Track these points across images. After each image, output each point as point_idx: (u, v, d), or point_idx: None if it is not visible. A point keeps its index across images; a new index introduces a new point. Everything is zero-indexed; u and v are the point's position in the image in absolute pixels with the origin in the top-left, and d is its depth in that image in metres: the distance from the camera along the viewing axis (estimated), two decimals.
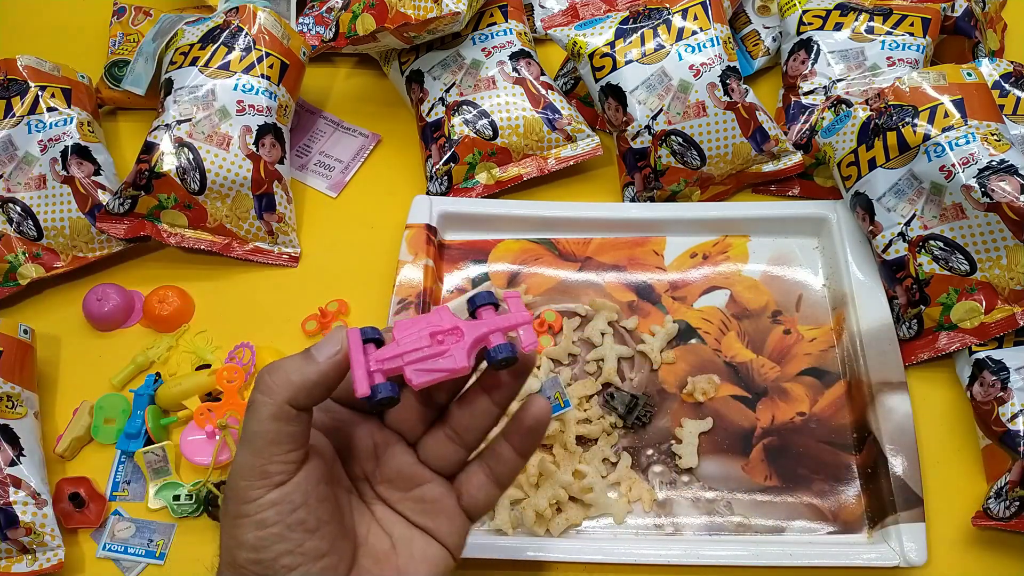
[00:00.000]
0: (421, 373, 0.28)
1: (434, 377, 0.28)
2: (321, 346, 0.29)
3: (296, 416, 0.28)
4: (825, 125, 0.59)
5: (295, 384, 0.28)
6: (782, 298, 0.58)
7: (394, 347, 0.29)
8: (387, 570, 0.30)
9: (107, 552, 0.51)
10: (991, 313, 0.52)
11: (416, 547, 0.31)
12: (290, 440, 0.28)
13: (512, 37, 0.65)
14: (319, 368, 0.28)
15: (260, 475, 0.27)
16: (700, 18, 0.60)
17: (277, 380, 0.28)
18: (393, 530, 0.31)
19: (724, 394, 0.54)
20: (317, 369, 0.28)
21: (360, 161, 0.67)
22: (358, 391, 0.28)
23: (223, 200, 0.60)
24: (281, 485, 0.28)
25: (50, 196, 0.60)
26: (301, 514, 0.28)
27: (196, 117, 0.59)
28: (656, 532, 0.50)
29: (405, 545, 0.31)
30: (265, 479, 0.27)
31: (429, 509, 0.32)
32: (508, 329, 0.29)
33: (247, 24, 0.62)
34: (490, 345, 0.29)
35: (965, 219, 0.52)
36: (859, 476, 0.51)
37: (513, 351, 0.29)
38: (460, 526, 0.32)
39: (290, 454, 0.28)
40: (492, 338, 0.29)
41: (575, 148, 0.63)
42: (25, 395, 0.54)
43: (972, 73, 0.55)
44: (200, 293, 0.61)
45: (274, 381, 0.28)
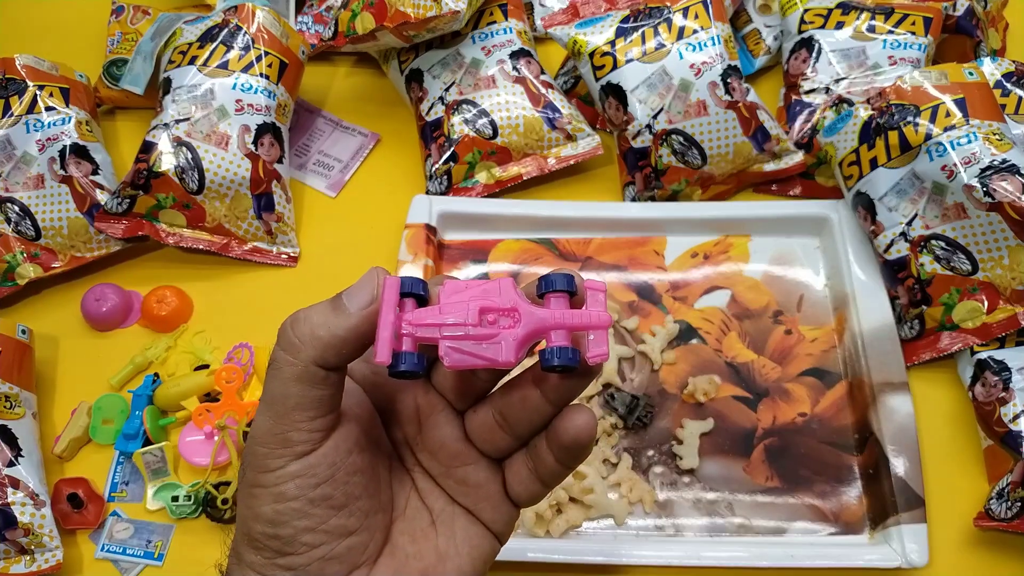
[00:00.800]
0: (457, 354, 0.24)
1: (471, 363, 0.24)
2: (354, 293, 0.24)
3: (324, 378, 0.24)
4: (826, 124, 0.59)
5: (323, 341, 0.23)
6: (783, 298, 0.58)
7: (434, 312, 0.24)
8: (425, 550, 0.27)
9: (105, 553, 0.51)
10: (993, 313, 0.52)
11: (458, 527, 0.27)
12: (317, 405, 0.24)
13: (512, 36, 0.64)
14: (351, 322, 0.24)
15: (281, 443, 0.24)
16: (701, 17, 0.60)
17: (302, 335, 0.24)
18: (435, 504, 0.28)
19: (725, 395, 0.54)
20: (349, 323, 0.24)
21: (359, 160, 0.67)
22: (378, 355, 0.23)
23: (222, 200, 0.60)
24: (305, 456, 0.24)
25: (48, 196, 0.60)
26: (327, 489, 0.24)
27: (195, 116, 0.59)
28: (657, 533, 0.50)
29: (446, 523, 0.27)
30: (287, 448, 0.24)
31: (471, 493, 0.27)
32: (576, 329, 0.24)
33: (246, 23, 0.62)
34: (549, 343, 0.24)
35: (967, 219, 0.52)
36: (860, 477, 0.51)
37: (573, 359, 0.24)
38: (506, 513, 0.28)
39: (316, 420, 0.24)
40: (553, 335, 0.24)
41: (575, 147, 0.63)
42: (23, 395, 0.53)
43: (974, 72, 0.55)
44: (199, 293, 0.60)
45: (298, 336, 0.24)
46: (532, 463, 0.27)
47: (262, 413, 0.24)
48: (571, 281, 0.24)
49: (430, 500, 0.28)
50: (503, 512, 0.28)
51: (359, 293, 0.24)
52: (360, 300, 0.24)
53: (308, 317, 0.24)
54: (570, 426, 0.25)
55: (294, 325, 0.24)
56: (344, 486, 0.25)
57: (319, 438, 0.24)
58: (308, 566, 0.24)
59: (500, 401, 0.27)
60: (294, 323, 0.24)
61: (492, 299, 0.24)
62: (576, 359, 0.24)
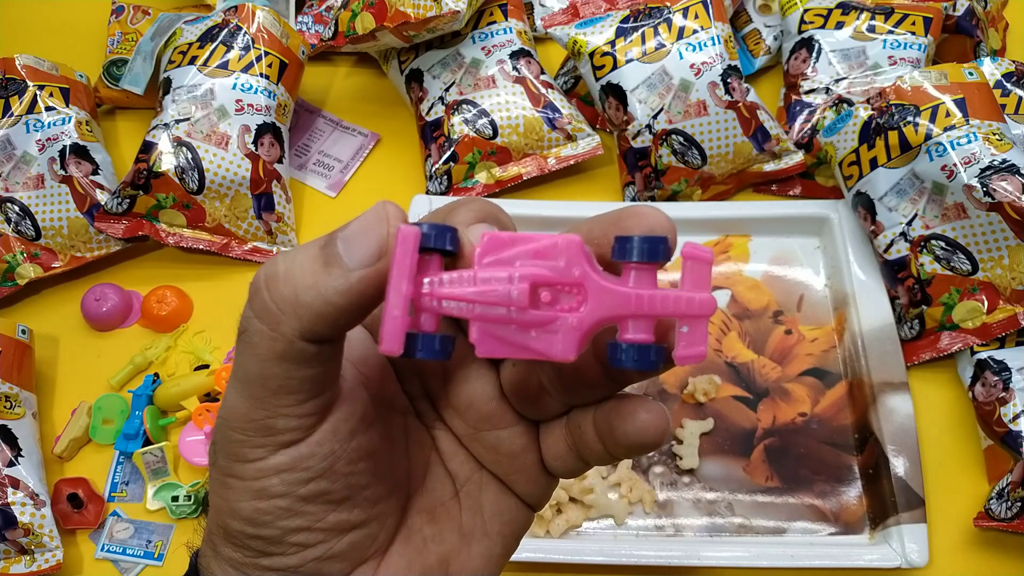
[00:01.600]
0: (495, 341, 0.18)
1: (514, 353, 0.18)
2: (354, 239, 0.18)
3: (315, 354, 0.18)
4: (826, 124, 0.59)
5: (312, 309, 0.18)
6: (783, 298, 0.58)
7: (467, 280, 0.18)
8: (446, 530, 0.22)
9: (105, 553, 0.51)
10: (993, 313, 0.52)
11: (487, 499, 0.22)
12: (307, 387, 0.19)
13: (512, 36, 0.64)
14: (348, 284, 0.17)
15: (261, 430, 0.19)
16: (701, 17, 0.60)
17: (280, 300, 0.18)
18: (459, 470, 0.23)
19: (725, 395, 0.54)
20: (345, 286, 0.17)
21: (359, 160, 0.67)
22: (384, 343, 0.17)
23: (222, 199, 0.60)
24: (293, 445, 0.19)
25: (48, 196, 0.60)
26: (323, 484, 0.19)
27: (195, 116, 0.59)
28: (657, 533, 0.50)
29: (472, 495, 0.22)
30: (269, 436, 0.19)
31: (504, 462, 0.22)
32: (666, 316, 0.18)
33: (246, 23, 0.62)
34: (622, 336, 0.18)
35: (967, 219, 0.52)
36: (860, 477, 0.51)
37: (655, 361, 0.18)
38: (543, 485, 0.23)
39: (306, 404, 0.19)
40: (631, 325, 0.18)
41: (575, 147, 0.63)
42: (23, 395, 0.53)
43: (974, 72, 0.55)
44: (198, 293, 0.60)
45: (276, 301, 0.18)
46: (573, 440, 0.21)
47: (235, 392, 0.19)
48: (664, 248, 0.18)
49: (454, 465, 0.23)
50: (540, 484, 0.23)
51: (362, 241, 0.18)
52: (364, 253, 0.18)
53: (290, 274, 0.18)
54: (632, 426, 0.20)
55: (271, 285, 0.18)
56: (346, 478, 0.20)
57: (311, 423, 0.19)
58: (301, 567, 0.20)
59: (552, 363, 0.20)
60: (271, 282, 0.18)
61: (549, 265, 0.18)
62: (659, 363, 0.18)
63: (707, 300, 0.17)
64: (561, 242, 0.18)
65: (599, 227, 0.19)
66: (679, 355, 0.18)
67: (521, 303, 0.18)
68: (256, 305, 0.18)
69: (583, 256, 0.18)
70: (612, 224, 0.19)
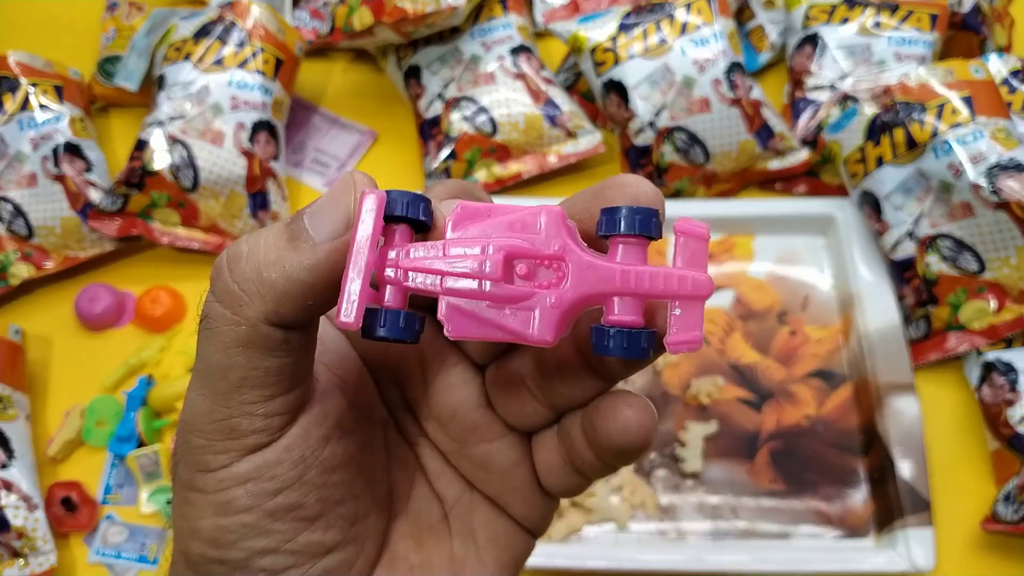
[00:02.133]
0: (464, 320, 0.16)
1: (485, 334, 0.16)
2: (321, 212, 0.17)
3: (283, 340, 0.17)
4: (831, 121, 0.58)
5: (277, 288, 0.16)
6: (788, 298, 0.57)
7: (436, 251, 0.16)
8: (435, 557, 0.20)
9: (100, 557, 0.50)
10: (1000, 313, 0.51)
11: (479, 523, 0.21)
12: (275, 379, 0.17)
13: (512, 31, 0.64)
14: (316, 259, 0.16)
15: (224, 432, 0.17)
16: (704, 12, 0.59)
17: (244, 280, 0.16)
18: (447, 491, 0.21)
19: (729, 397, 0.53)
20: (312, 261, 0.16)
21: (357, 158, 0.66)
22: (341, 315, 0.16)
23: (216, 198, 0.59)
24: (260, 450, 0.17)
25: (41, 194, 0.59)
26: (293, 496, 0.17)
27: (189, 113, 0.58)
28: (660, 538, 0.49)
29: (462, 518, 0.21)
30: (232, 439, 0.17)
31: (495, 480, 0.21)
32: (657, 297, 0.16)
33: (241, 19, 0.61)
34: (607, 319, 0.17)
35: (974, 218, 0.51)
36: (866, 480, 0.50)
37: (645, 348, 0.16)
38: (541, 506, 0.21)
39: (274, 401, 0.17)
40: (617, 304, 0.16)
41: (576, 145, 0.62)
42: (16, 397, 0.53)
43: (980, 69, 0.54)
44: (193, 293, 0.60)
45: (239, 282, 0.16)
46: (566, 450, 0.20)
47: (196, 389, 0.17)
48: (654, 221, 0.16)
49: (441, 485, 0.21)
50: (537, 504, 0.21)
51: (328, 212, 0.16)
52: (331, 224, 0.16)
53: (253, 251, 0.17)
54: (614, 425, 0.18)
55: (232, 264, 0.17)
56: (319, 490, 0.18)
57: (280, 424, 0.17)
58: None
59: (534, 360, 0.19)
60: (232, 261, 0.17)
61: (526, 237, 0.16)
62: (649, 350, 0.16)
63: (703, 279, 0.16)
64: (543, 212, 0.17)
65: (580, 201, 0.18)
66: (672, 340, 0.16)
67: (494, 275, 0.16)
68: (218, 288, 0.17)
69: (564, 229, 0.16)
70: (593, 197, 0.17)
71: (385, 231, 0.17)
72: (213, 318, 0.17)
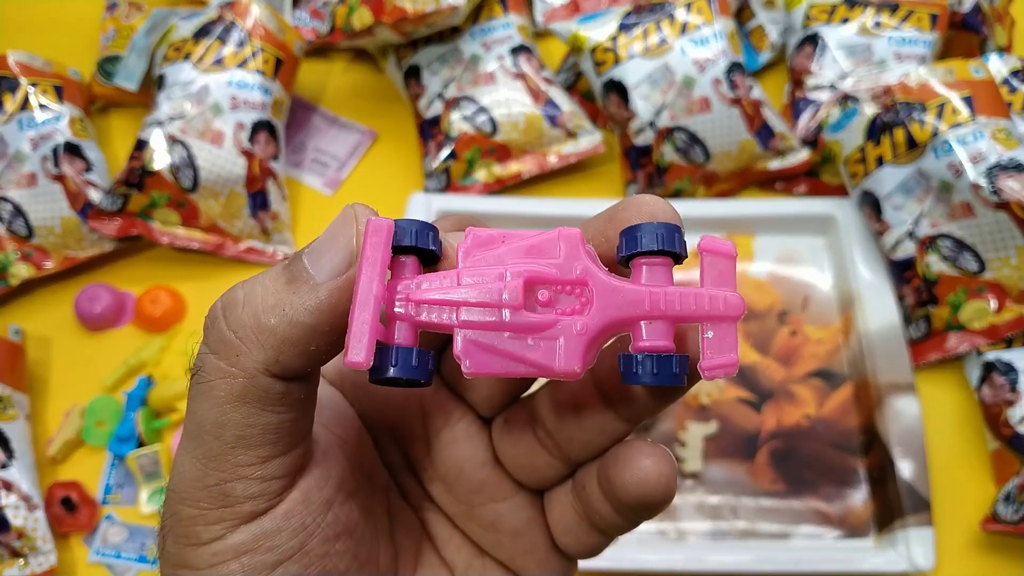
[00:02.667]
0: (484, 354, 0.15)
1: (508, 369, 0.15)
2: (322, 250, 0.15)
3: (283, 393, 0.15)
4: (832, 121, 0.58)
5: (277, 334, 0.15)
6: (788, 298, 0.57)
7: (449, 281, 0.15)
8: None
9: (99, 557, 0.50)
10: (1001, 313, 0.51)
11: None
12: (271, 438, 0.15)
13: (512, 31, 0.64)
14: (318, 300, 0.15)
15: (217, 499, 0.15)
16: (704, 12, 0.59)
17: (241, 327, 0.15)
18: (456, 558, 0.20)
19: (729, 397, 0.53)
20: (315, 302, 0.15)
21: (357, 158, 0.66)
22: (350, 353, 0.15)
23: (216, 198, 0.59)
24: (257, 518, 0.16)
25: (41, 194, 0.59)
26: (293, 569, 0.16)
27: (189, 113, 0.58)
28: (660, 538, 0.49)
29: None
30: (226, 506, 0.16)
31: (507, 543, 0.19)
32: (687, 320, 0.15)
33: (241, 18, 0.61)
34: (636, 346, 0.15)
35: (974, 218, 0.51)
36: (866, 480, 0.50)
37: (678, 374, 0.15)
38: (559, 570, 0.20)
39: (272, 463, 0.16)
40: (646, 328, 0.15)
41: (576, 145, 0.62)
42: (16, 397, 0.53)
43: (980, 69, 0.54)
44: (193, 293, 0.60)
45: (235, 329, 0.15)
46: (582, 506, 0.18)
47: (186, 453, 0.16)
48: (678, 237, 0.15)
49: (449, 552, 0.19)
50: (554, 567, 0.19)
51: (329, 249, 0.15)
52: (332, 262, 0.15)
53: (250, 296, 0.15)
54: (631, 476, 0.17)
55: (228, 311, 0.15)
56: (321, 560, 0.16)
57: (278, 488, 0.16)
58: None
59: (546, 408, 0.18)
60: (228, 308, 0.15)
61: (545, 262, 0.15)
62: (683, 375, 0.15)
63: (736, 299, 0.15)
64: (557, 236, 0.15)
65: (594, 225, 0.16)
66: (707, 366, 0.15)
67: (515, 303, 0.14)
68: (212, 338, 0.15)
69: (584, 252, 0.15)
70: (608, 220, 0.16)
71: (392, 263, 0.15)
72: (206, 371, 0.16)
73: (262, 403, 0.15)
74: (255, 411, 0.15)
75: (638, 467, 0.17)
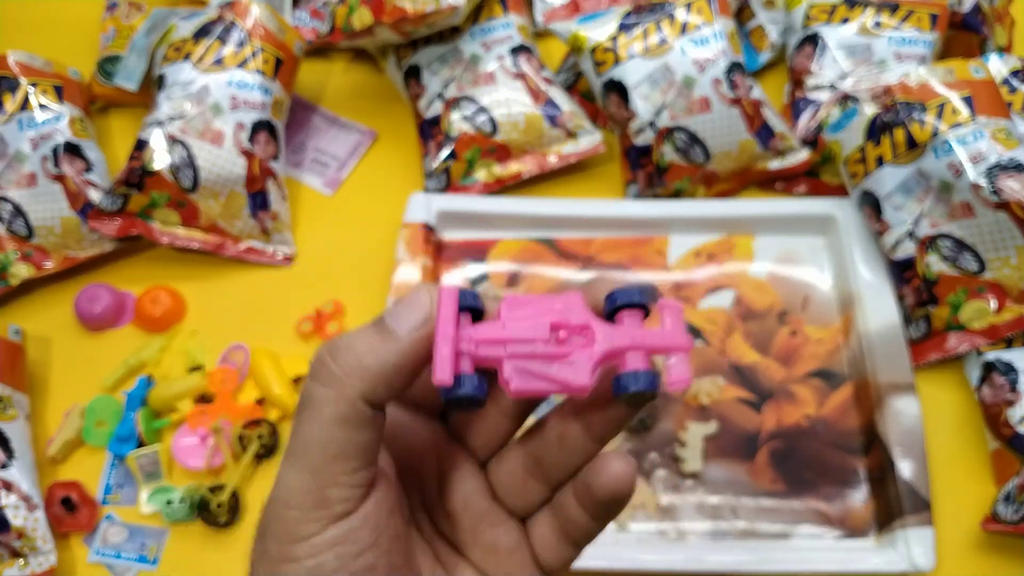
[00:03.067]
0: (525, 376, 0.21)
1: (541, 387, 0.21)
2: (400, 313, 0.21)
3: (371, 418, 0.21)
4: (832, 121, 0.58)
5: (371, 371, 0.20)
6: (788, 298, 0.57)
7: (497, 328, 0.21)
8: None
9: (99, 557, 0.50)
10: (1001, 313, 0.51)
11: None
12: (361, 453, 0.21)
13: (512, 31, 0.64)
14: (401, 347, 0.20)
15: (317, 503, 0.20)
16: (704, 12, 0.59)
17: (346, 365, 0.20)
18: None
19: (729, 397, 0.53)
20: (399, 348, 0.20)
21: (356, 158, 0.66)
22: (437, 375, 0.20)
23: (216, 198, 0.59)
24: (346, 517, 0.21)
25: (41, 194, 0.59)
26: (369, 558, 0.21)
27: (189, 113, 0.58)
28: (659, 538, 0.49)
29: None
30: (323, 509, 0.20)
31: (504, 562, 0.24)
32: (657, 351, 0.22)
33: (241, 18, 0.61)
34: (624, 367, 0.22)
35: (974, 218, 0.51)
36: (866, 480, 0.50)
37: (654, 384, 0.21)
38: None
39: (359, 474, 0.21)
40: (629, 358, 0.21)
41: (576, 145, 0.62)
42: (15, 397, 0.53)
43: (980, 69, 0.54)
44: (193, 293, 0.60)
45: (341, 367, 0.20)
46: (558, 521, 0.24)
47: (292, 468, 0.21)
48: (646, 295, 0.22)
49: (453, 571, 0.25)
50: None
51: (407, 313, 0.21)
52: (410, 321, 0.21)
53: (351, 344, 0.21)
54: (605, 477, 0.22)
55: (335, 354, 0.21)
56: (387, 555, 0.21)
57: (360, 495, 0.21)
58: None
59: (532, 443, 0.24)
60: (334, 352, 0.21)
61: (562, 314, 0.22)
62: (657, 384, 0.21)
63: (686, 336, 0.22)
64: (567, 297, 0.22)
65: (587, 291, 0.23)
66: (670, 381, 0.22)
67: (545, 338, 0.21)
68: (322, 374, 0.21)
69: (585, 307, 0.22)
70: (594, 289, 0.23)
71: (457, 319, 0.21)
72: (316, 399, 0.21)
73: (357, 425, 0.21)
74: (352, 431, 0.20)
75: (611, 468, 0.22)
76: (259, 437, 0.52)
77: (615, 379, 0.21)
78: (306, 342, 0.57)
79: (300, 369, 0.55)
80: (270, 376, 0.54)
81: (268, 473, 0.52)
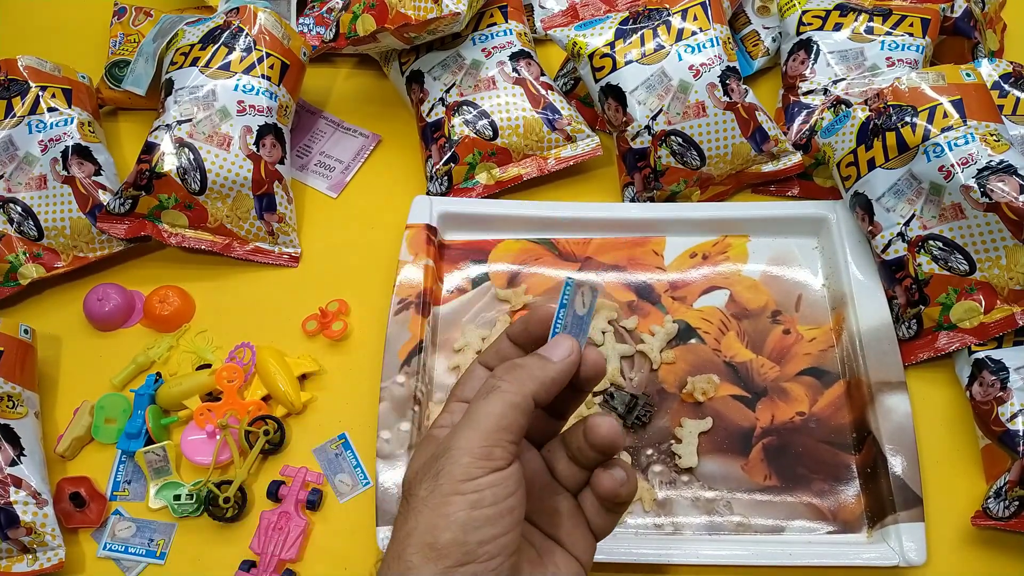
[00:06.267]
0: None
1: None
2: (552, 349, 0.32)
3: (532, 411, 0.30)
4: (824, 125, 0.59)
5: (539, 380, 0.30)
6: (782, 298, 0.58)
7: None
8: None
9: (108, 552, 0.51)
10: (990, 313, 0.52)
11: (559, 560, 0.32)
12: (517, 430, 0.29)
13: (512, 37, 0.65)
14: (557, 367, 0.31)
15: (485, 455, 0.28)
16: (700, 18, 0.60)
17: (521, 375, 0.30)
18: (534, 539, 0.33)
19: (724, 394, 0.54)
20: (556, 368, 0.31)
21: (360, 161, 0.67)
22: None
23: (223, 200, 0.60)
24: (501, 470, 0.29)
25: (51, 196, 0.60)
26: (512, 501, 0.29)
27: (197, 117, 0.59)
28: (656, 532, 0.50)
29: (548, 556, 0.32)
30: (488, 460, 0.28)
31: (563, 523, 0.33)
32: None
33: (248, 24, 0.62)
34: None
35: (964, 219, 0.52)
36: (859, 476, 0.51)
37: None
38: (591, 545, 0.33)
39: (512, 445, 0.29)
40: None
41: (575, 148, 0.63)
42: (26, 395, 0.54)
43: (971, 74, 0.55)
44: (201, 293, 0.61)
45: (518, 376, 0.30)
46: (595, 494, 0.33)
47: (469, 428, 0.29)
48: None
49: (530, 535, 0.33)
50: (588, 543, 0.33)
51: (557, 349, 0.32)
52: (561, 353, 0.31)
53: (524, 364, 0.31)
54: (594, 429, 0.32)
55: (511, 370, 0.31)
56: (521, 503, 0.29)
57: (511, 457, 0.29)
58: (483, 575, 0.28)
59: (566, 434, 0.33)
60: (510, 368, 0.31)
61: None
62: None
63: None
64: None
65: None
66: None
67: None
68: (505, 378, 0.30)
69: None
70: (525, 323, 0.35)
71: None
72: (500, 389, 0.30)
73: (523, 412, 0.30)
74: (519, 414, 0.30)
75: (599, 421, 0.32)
76: (265, 433, 0.53)
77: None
78: (311, 341, 0.58)
79: (305, 367, 0.56)
80: (276, 374, 0.54)
81: (274, 468, 0.53)
